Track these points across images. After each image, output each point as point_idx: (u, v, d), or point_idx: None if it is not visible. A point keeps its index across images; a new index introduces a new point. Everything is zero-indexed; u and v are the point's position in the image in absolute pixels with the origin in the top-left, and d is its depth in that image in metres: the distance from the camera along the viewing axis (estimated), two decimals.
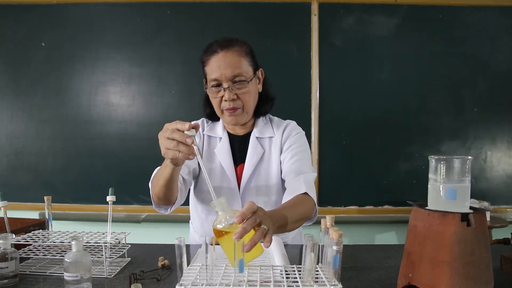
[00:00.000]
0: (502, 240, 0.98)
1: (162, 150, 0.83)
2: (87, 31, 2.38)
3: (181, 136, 0.79)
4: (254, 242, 0.67)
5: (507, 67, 2.34)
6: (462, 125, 2.33)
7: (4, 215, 0.98)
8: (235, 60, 1.08)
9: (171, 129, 0.80)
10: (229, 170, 1.17)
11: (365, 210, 2.34)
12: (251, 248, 0.66)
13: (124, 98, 2.37)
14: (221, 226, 0.69)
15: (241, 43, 1.11)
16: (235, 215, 0.68)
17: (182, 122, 0.80)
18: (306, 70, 2.33)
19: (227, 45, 1.09)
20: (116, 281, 0.83)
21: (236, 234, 0.64)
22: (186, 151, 0.80)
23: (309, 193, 1.03)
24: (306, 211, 0.99)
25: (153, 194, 1.03)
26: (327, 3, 2.33)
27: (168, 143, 0.81)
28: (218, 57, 1.08)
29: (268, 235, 0.69)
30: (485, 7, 2.33)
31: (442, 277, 0.64)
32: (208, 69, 1.11)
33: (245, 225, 0.66)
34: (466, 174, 0.68)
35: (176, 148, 0.80)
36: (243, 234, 0.65)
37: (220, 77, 1.07)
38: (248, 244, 0.66)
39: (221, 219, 0.70)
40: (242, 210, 0.68)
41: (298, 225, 0.97)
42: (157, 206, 1.07)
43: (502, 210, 2.33)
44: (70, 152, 2.37)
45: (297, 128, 1.25)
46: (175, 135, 0.80)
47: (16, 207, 2.30)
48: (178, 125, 0.80)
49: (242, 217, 0.67)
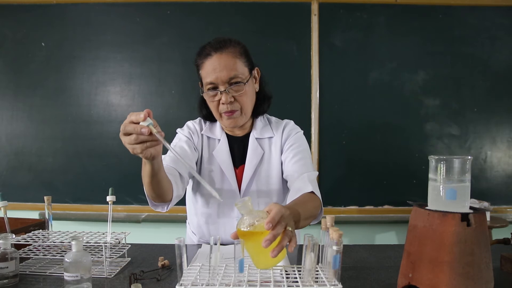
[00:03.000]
0: (502, 240, 0.98)
1: (129, 149, 0.78)
2: (87, 31, 2.38)
3: (134, 128, 0.74)
4: (282, 247, 0.67)
5: (507, 67, 2.34)
6: (462, 125, 2.33)
7: (4, 215, 0.98)
8: (230, 62, 1.06)
9: (124, 124, 0.76)
10: (229, 172, 1.16)
11: (365, 210, 2.34)
12: (278, 253, 0.66)
13: (124, 98, 2.37)
14: (247, 228, 0.68)
15: (235, 44, 1.09)
16: (261, 218, 0.67)
17: (136, 113, 0.75)
18: (306, 70, 2.33)
19: (220, 47, 1.07)
20: (116, 281, 0.83)
21: (266, 241, 0.64)
22: (148, 140, 0.75)
23: (315, 192, 1.03)
24: (314, 209, 0.99)
25: (146, 193, 0.98)
26: (327, 3, 2.33)
27: (128, 139, 0.76)
28: (212, 60, 1.06)
29: (294, 239, 0.69)
30: (485, 7, 2.33)
31: (442, 277, 0.64)
32: (203, 72, 1.09)
33: (275, 232, 0.65)
34: (466, 174, 0.68)
35: (138, 140, 0.75)
36: (273, 240, 0.65)
37: (215, 80, 1.06)
38: (275, 249, 0.65)
39: (246, 221, 0.68)
40: (271, 215, 0.67)
41: (307, 223, 0.96)
42: (153, 204, 1.03)
43: (502, 210, 2.33)
44: (70, 152, 2.37)
45: (296, 127, 1.24)
46: (128, 128, 0.75)
47: (16, 207, 2.30)
48: (132, 117, 0.75)
49: (272, 223, 0.65)
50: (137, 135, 0.75)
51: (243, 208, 0.69)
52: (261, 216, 0.68)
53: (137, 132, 0.74)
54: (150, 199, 1.00)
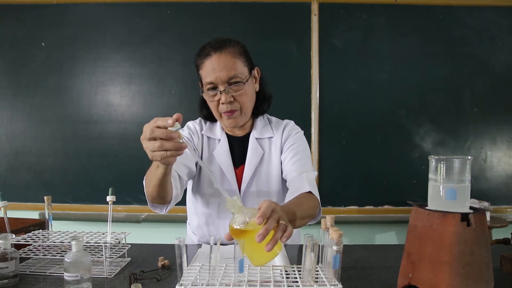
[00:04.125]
0: (502, 240, 0.98)
1: (149, 155, 0.75)
2: (87, 31, 2.38)
3: (163, 133, 0.71)
4: (276, 240, 0.67)
5: (507, 67, 2.34)
6: (462, 125, 2.33)
7: (4, 215, 0.98)
8: (229, 62, 1.06)
9: (150, 129, 0.73)
10: (229, 172, 1.16)
11: (365, 210, 2.34)
12: (273, 247, 0.66)
13: (124, 98, 2.37)
14: (239, 226, 0.68)
15: (234, 44, 1.09)
16: (253, 214, 0.68)
17: (162, 118, 0.72)
18: (306, 70, 2.33)
19: (220, 46, 1.07)
20: (116, 281, 0.83)
21: (259, 236, 0.64)
22: (173, 148, 0.73)
23: (313, 192, 1.03)
24: (312, 208, 0.99)
25: (147, 194, 0.98)
26: (327, 3, 2.33)
27: (152, 145, 0.73)
28: (211, 60, 1.06)
29: (288, 230, 0.69)
30: (485, 7, 2.33)
31: (442, 277, 0.64)
32: (203, 72, 1.09)
33: (267, 226, 0.66)
34: (466, 174, 0.68)
35: (162, 148, 0.72)
36: (266, 234, 0.65)
37: (215, 80, 1.06)
38: (270, 243, 0.66)
39: (238, 219, 0.68)
40: (262, 210, 0.67)
41: (304, 223, 0.96)
42: (152, 205, 1.03)
43: (502, 210, 2.33)
44: (70, 152, 2.37)
45: (296, 127, 1.24)
46: (156, 133, 0.72)
47: (16, 207, 2.30)
48: (158, 122, 0.72)
49: (263, 217, 0.66)
50: (162, 143, 0.72)
51: (233, 207, 0.69)
52: (253, 213, 0.68)
53: (166, 137, 0.71)
54: (149, 201, 1.01)
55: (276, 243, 0.67)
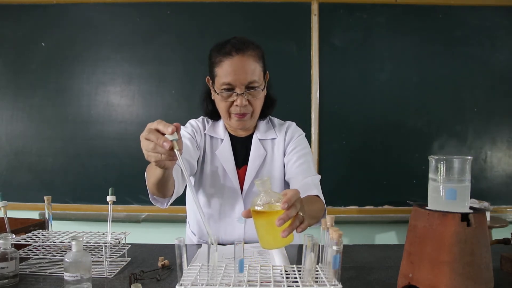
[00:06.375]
0: (502, 240, 0.98)
1: (144, 153, 0.75)
2: (87, 31, 2.38)
3: (157, 138, 0.71)
4: (293, 228, 0.69)
5: (507, 67, 2.34)
6: (462, 125, 2.33)
7: (4, 215, 0.98)
8: (250, 66, 1.05)
9: (148, 129, 0.73)
10: (231, 172, 1.16)
11: (365, 210, 2.34)
12: (289, 234, 0.68)
13: (124, 98, 2.37)
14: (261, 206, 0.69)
15: (255, 47, 1.08)
16: (278, 198, 0.69)
17: (165, 123, 0.72)
18: (306, 70, 2.33)
19: (241, 48, 1.05)
20: (116, 281, 0.83)
21: (279, 220, 0.66)
22: (165, 154, 0.72)
23: (320, 196, 1.04)
24: (320, 211, 1.00)
25: (148, 188, 0.97)
26: (327, 3, 2.33)
27: (146, 145, 0.73)
28: (233, 60, 1.04)
29: (304, 223, 0.72)
30: (485, 7, 2.33)
31: (442, 277, 0.64)
32: (220, 71, 1.06)
33: (289, 212, 0.67)
34: (466, 174, 0.68)
35: (155, 151, 0.72)
36: (287, 220, 0.67)
37: (234, 82, 1.04)
38: (287, 229, 0.68)
39: (263, 198, 0.70)
40: (288, 196, 0.68)
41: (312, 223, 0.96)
42: (153, 199, 1.02)
43: (502, 210, 2.33)
44: (70, 152, 2.37)
45: (298, 129, 1.25)
46: (151, 136, 0.71)
47: (16, 207, 2.30)
48: (159, 125, 0.72)
49: (288, 203, 0.67)
50: (156, 146, 0.72)
51: (262, 186, 0.70)
52: (278, 197, 0.70)
53: (158, 144, 0.71)
54: (151, 194, 1.01)
55: (292, 231, 0.69)
